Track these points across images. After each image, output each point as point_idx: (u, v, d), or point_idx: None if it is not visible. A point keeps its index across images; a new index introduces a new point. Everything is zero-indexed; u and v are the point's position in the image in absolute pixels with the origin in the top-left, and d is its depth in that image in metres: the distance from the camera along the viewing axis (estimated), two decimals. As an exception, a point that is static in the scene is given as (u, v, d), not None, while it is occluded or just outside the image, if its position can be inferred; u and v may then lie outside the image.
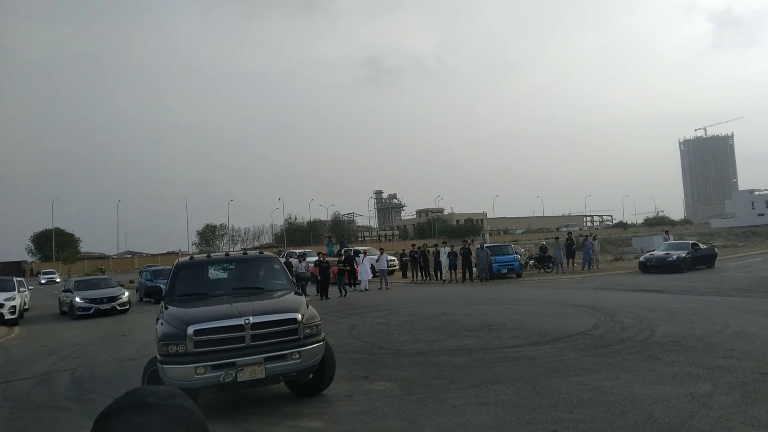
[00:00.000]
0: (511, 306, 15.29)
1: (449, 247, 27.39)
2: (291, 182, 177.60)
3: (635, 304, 14.24)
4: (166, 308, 7.34)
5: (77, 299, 19.87)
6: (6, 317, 18.24)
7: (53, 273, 57.25)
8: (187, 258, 8.97)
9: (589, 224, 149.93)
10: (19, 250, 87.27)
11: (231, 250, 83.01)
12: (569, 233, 31.06)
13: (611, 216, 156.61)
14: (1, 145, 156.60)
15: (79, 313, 19.53)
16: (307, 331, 6.99)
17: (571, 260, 27.48)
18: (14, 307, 18.79)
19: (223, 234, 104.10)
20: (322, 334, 7.37)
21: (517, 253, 27.42)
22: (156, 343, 6.84)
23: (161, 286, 8.80)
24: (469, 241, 28.61)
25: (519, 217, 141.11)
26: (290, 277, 8.94)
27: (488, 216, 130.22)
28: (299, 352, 6.77)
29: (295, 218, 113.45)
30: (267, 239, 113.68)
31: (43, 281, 52.69)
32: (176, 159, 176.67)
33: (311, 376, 7.25)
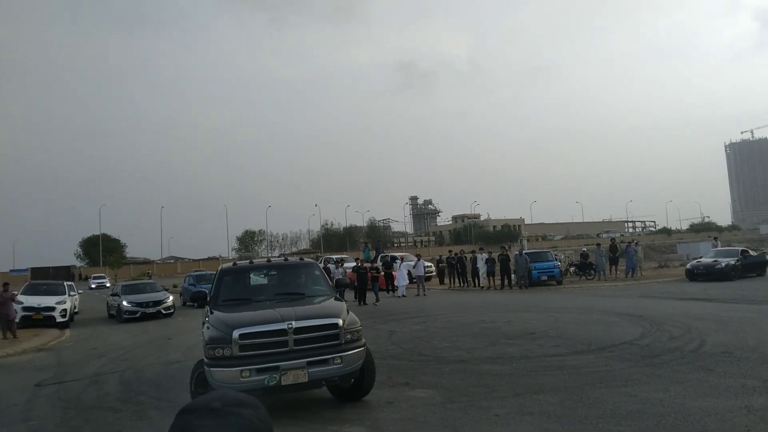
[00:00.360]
0: (552, 314, 15.01)
1: (486, 253, 27.11)
2: (327, 189, 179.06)
3: (683, 312, 13.78)
4: (212, 313, 7.54)
5: (124, 303, 20.54)
6: (58, 320, 18.99)
7: (103, 278, 56.68)
8: (230, 264, 9.21)
9: (631, 230, 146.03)
10: (68, 255, 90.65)
11: (270, 255, 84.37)
12: (612, 239, 30.28)
13: (654, 222, 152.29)
14: (51, 154, 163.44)
15: (126, 316, 20.18)
16: (348, 336, 7.09)
17: (613, 267, 26.80)
18: (65, 310, 19.55)
19: (261, 240, 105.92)
20: (363, 340, 7.45)
21: (557, 260, 26.93)
22: (203, 346, 7.06)
23: (205, 291, 9.11)
24: (507, 247, 28.27)
25: (557, 223, 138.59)
26: (330, 283, 9.05)
27: (526, 222, 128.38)
28: (341, 357, 6.87)
29: (332, 224, 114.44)
30: (304, 245, 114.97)
31: (93, 285, 52.05)
32: (215, 166, 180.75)
33: (352, 381, 7.30)
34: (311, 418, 6.94)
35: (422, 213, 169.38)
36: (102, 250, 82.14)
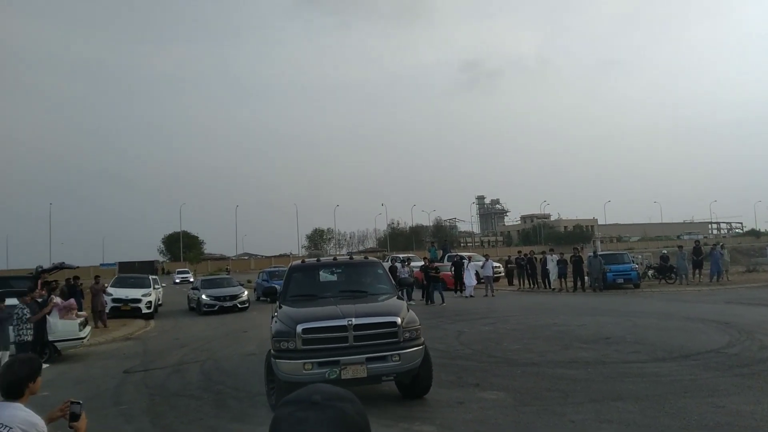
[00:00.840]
0: (630, 318, 14.37)
1: (558, 254, 26.31)
2: (393, 188, 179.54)
3: (776, 321, 12.82)
4: (280, 307, 7.90)
5: (204, 297, 21.59)
6: (143, 311, 20.22)
7: (187, 272, 54.66)
8: (299, 261, 9.69)
9: (715, 232, 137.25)
10: (151, 251, 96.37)
11: (337, 254, 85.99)
12: (696, 241, 28.57)
13: (741, 223, 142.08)
14: (135, 156, 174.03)
15: (205, 309, 21.20)
16: (407, 334, 7.20)
17: (697, 271, 25.27)
18: (150, 302, 20.80)
19: (330, 238, 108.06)
20: (422, 339, 7.51)
21: (634, 262, 25.73)
22: (270, 338, 7.42)
23: (276, 286, 9.58)
24: (579, 248, 27.32)
25: (633, 224, 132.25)
26: (393, 281, 9.23)
27: (599, 222, 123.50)
28: (399, 354, 7.03)
29: (398, 223, 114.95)
30: (371, 243, 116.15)
31: (177, 280, 49.68)
32: (286, 167, 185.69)
33: (410, 378, 7.45)
34: (381, 414, 7.01)
35: (489, 213, 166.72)
36: (182, 247, 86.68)
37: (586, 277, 24.38)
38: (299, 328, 6.94)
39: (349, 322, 6.96)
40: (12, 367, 2.91)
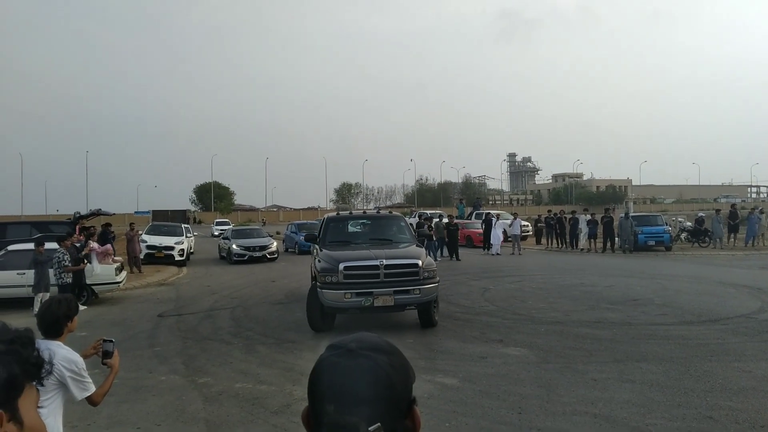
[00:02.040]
0: (659, 281, 14.19)
1: (589, 214, 25.90)
2: (423, 143, 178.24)
3: (813, 288, 12.49)
4: (321, 250, 9.71)
5: (234, 246, 22.09)
6: (176, 258, 20.83)
7: (228, 224, 46.02)
8: (334, 214, 11.63)
9: (754, 195, 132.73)
10: (183, 200, 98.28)
11: (365, 208, 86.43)
12: (733, 204, 27.72)
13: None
14: (170, 106, 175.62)
15: (235, 259, 21.74)
16: (426, 274, 8.88)
17: (732, 235, 24.62)
18: (183, 250, 21.38)
19: (357, 192, 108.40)
20: (438, 278, 9.27)
21: (667, 224, 25.17)
22: (315, 274, 9.32)
23: (315, 234, 11.13)
24: (611, 208, 26.81)
25: (669, 185, 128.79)
26: (413, 233, 11.06)
27: (633, 183, 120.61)
28: (419, 288, 8.76)
29: (426, 179, 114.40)
30: (398, 199, 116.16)
31: (216, 233, 39.42)
32: (316, 120, 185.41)
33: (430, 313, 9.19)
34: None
35: (520, 170, 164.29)
36: (213, 197, 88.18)
37: (616, 239, 24.03)
38: (341, 266, 8.67)
39: (381, 263, 8.70)
40: (50, 307, 3.02)
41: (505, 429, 4.98)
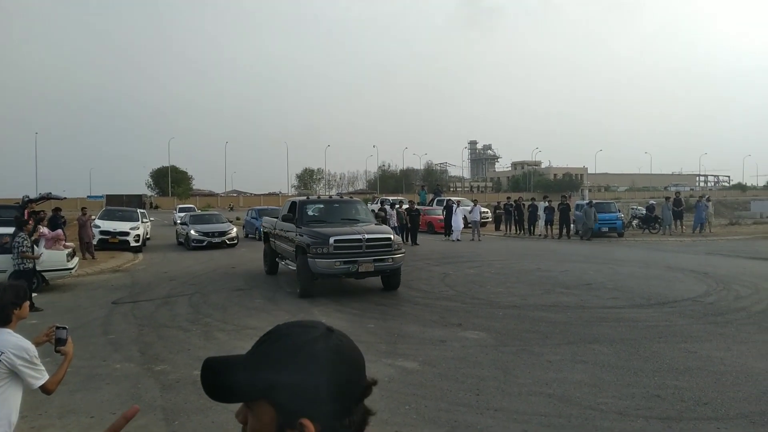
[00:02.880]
0: (612, 266, 14.69)
1: (547, 201, 26.51)
2: (386, 130, 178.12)
3: (753, 272, 13.17)
4: (300, 227, 11.50)
5: (192, 232, 21.61)
6: (131, 244, 20.25)
7: (192, 209, 36.05)
8: (305, 198, 13.32)
9: (702, 184, 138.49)
10: (139, 185, 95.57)
11: (328, 194, 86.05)
12: (677, 193, 28.88)
13: (729, 177, 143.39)
14: (125, 87, 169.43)
15: (193, 244, 21.27)
16: (396, 246, 11.20)
17: (678, 222, 25.66)
18: (138, 235, 20.78)
19: (320, 178, 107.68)
20: (404, 249, 11.65)
21: (620, 211, 26.01)
22: (302, 247, 10.98)
23: (290, 215, 12.50)
24: (567, 196, 27.50)
25: (622, 174, 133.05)
26: (371, 214, 13.52)
27: (589, 171, 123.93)
28: (392, 257, 11.01)
29: (389, 166, 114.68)
30: (361, 185, 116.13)
31: (178, 220, 28.74)
32: (278, 104, 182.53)
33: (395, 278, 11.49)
34: (366, 350, 7.20)
35: (481, 158, 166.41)
36: (170, 182, 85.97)
37: (572, 225, 24.68)
38: (331, 239, 10.61)
39: (363, 237, 10.84)
40: None
41: (463, 410, 5.09)
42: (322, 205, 12.97)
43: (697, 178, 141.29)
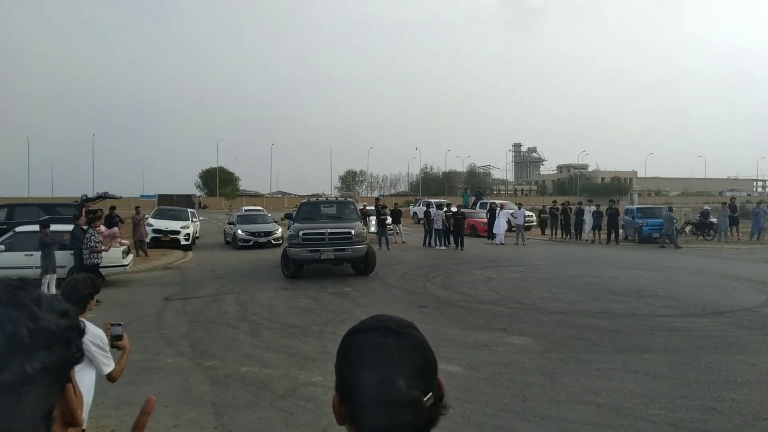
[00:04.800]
0: (664, 273, 14.19)
1: (594, 205, 25.84)
2: (428, 132, 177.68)
3: (818, 283, 12.47)
4: (293, 223, 14.35)
5: (240, 232, 22.12)
6: (182, 243, 20.91)
7: (260, 211, 30.44)
8: (306, 200, 16.22)
9: (760, 189, 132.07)
10: (189, 185, 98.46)
11: (371, 195, 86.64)
12: (732, 198, 27.63)
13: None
14: (177, 92, 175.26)
15: (240, 244, 21.77)
16: (357, 239, 13.44)
17: (734, 229, 24.53)
18: (188, 234, 21.45)
19: (362, 180, 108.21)
20: (367, 241, 13.91)
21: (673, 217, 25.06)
22: (288, 238, 13.91)
23: (291, 213, 15.73)
24: (616, 200, 26.72)
25: (675, 178, 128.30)
26: (359, 213, 15.67)
27: (639, 175, 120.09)
28: (351, 248, 13.35)
29: (431, 168, 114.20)
30: (403, 187, 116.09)
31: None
32: (323, 108, 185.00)
33: (363, 265, 13.87)
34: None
35: (525, 161, 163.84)
36: (218, 182, 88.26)
37: (621, 230, 23.99)
38: (301, 233, 13.38)
39: (326, 231, 13.43)
40: (76, 286, 3.10)
41: (509, 416, 5.02)
42: (313, 206, 15.53)
43: (755, 182, 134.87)
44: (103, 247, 11.60)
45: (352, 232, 13.37)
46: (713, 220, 25.15)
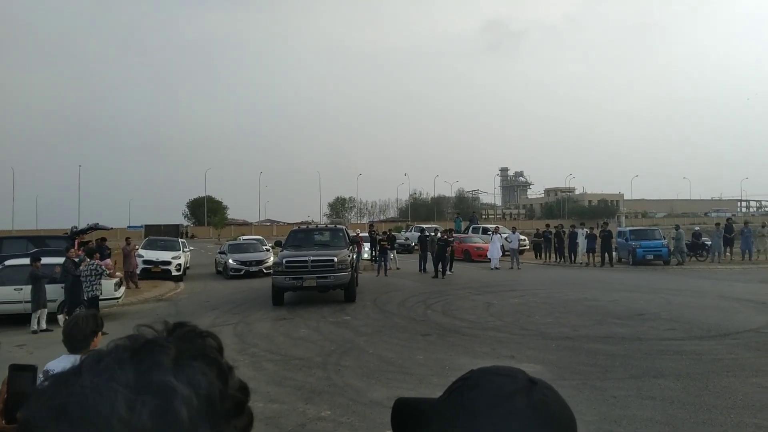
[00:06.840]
0: (663, 295, 14.15)
1: (587, 228, 25.94)
2: (416, 158, 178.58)
3: (817, 302, 12.48)
4: (282, 251, 14.47)
5: (231, 261, 21.81)
6: (173, 273, 20.54)
7: (257, 239, 29.96)
8: (296, 227, 17.02)
9: (744, 210, 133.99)
10: (176, 215, 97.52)
11: (360, 222, 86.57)
12: (728, 219, 27.91)
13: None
14: (165, 120, 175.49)
15: (232, 273, 21.43)
16: (340, 266, 13.29)
17: (727, 249, 24.72)
18: (180, 264, 21.10)
19: (351, 207, 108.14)
20: (350, 269, 13.78)
21: (664, 238, 25.24)
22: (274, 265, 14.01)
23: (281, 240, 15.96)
24: (606, 222, 26.86)
25: (660, 200, 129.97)
26: (347, 239, 15.60)
27: (625, 197, 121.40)
28: (334, 276, 13.16)
29: (420, 194, 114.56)
30: (392, 213, 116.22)
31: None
32: (311, 134, 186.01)
33: (344, 292, 13.79)
34: (418, 383, 7.03)
35: (512, 185, 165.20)
36: (206, 211, 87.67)
37: (614, 253, 24.05)
38: (284, 260, 13.55)
39: (309, 259, 13.39)
40: (78, 324, 2.94)
41: (530, 449, 4.84)
42: (302, 234, 15.92)
43: (739, 203, 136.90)
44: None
45: (335, 259, 13.26)
46: (705, 240, 25.32)
